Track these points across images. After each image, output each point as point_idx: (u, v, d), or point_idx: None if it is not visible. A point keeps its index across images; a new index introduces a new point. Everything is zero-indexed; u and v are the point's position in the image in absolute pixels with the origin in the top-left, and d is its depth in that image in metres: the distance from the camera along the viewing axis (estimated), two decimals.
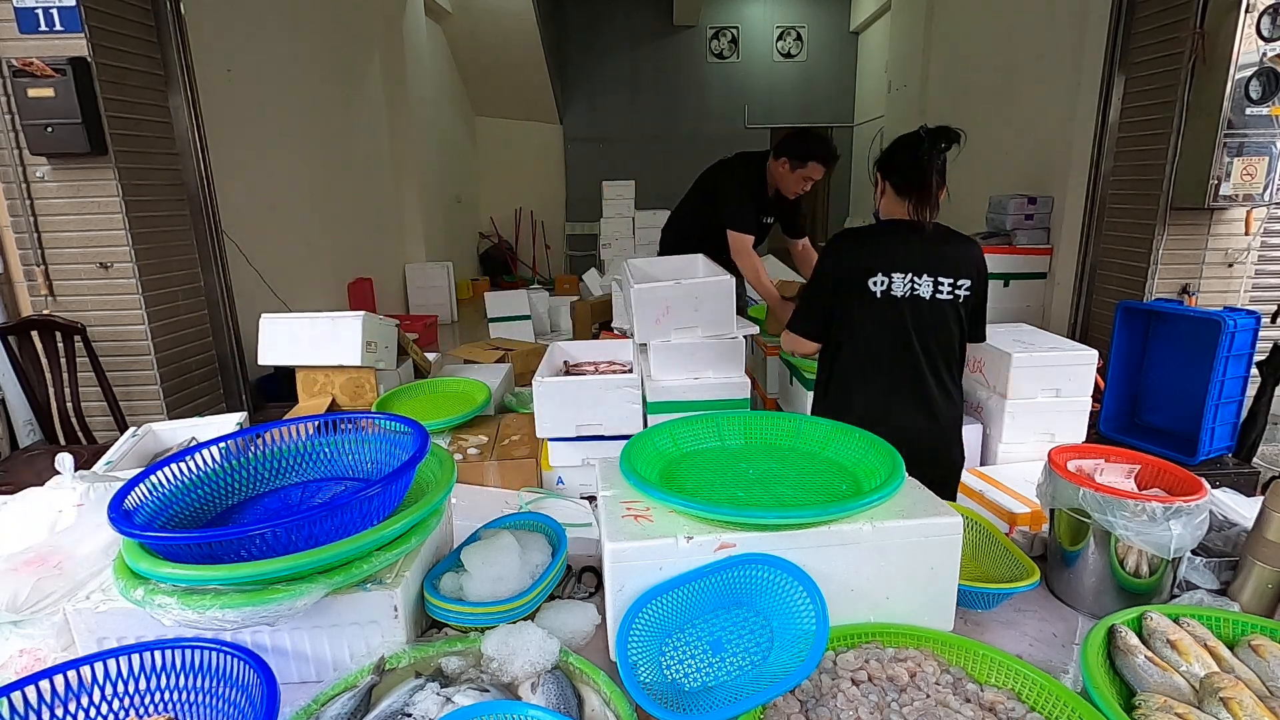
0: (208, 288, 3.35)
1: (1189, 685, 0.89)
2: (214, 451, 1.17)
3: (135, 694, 0.90)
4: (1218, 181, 3.04)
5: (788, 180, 2.97)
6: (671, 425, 1.30)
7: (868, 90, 9.87)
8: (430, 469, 1.20)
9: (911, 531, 1.01)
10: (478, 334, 6.48)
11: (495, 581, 1.09)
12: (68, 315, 2.84)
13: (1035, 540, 1.32)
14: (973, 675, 0.94)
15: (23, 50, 2.69)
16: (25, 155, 2.80)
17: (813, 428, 1.29)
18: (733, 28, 10.13)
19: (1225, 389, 2.71)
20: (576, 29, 9.98)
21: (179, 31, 3.11)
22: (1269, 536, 1.07)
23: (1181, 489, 1.14)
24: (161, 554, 0.93)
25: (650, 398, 2.16)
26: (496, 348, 3.79)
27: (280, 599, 0.89)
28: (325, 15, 5.60)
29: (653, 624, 0.96)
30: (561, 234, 10.58)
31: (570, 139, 10.31)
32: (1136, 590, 1.11)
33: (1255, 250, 3.31)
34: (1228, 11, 2.93)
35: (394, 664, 0.97)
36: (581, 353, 2.49)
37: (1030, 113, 5.07)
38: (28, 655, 1.04)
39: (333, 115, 5.76)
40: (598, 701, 0.90)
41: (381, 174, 6.88)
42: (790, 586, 0.96)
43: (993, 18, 5.91)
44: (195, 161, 3.22)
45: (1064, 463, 1.20)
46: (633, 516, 1.04)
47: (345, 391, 2.47)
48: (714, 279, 2.25)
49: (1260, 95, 2.96)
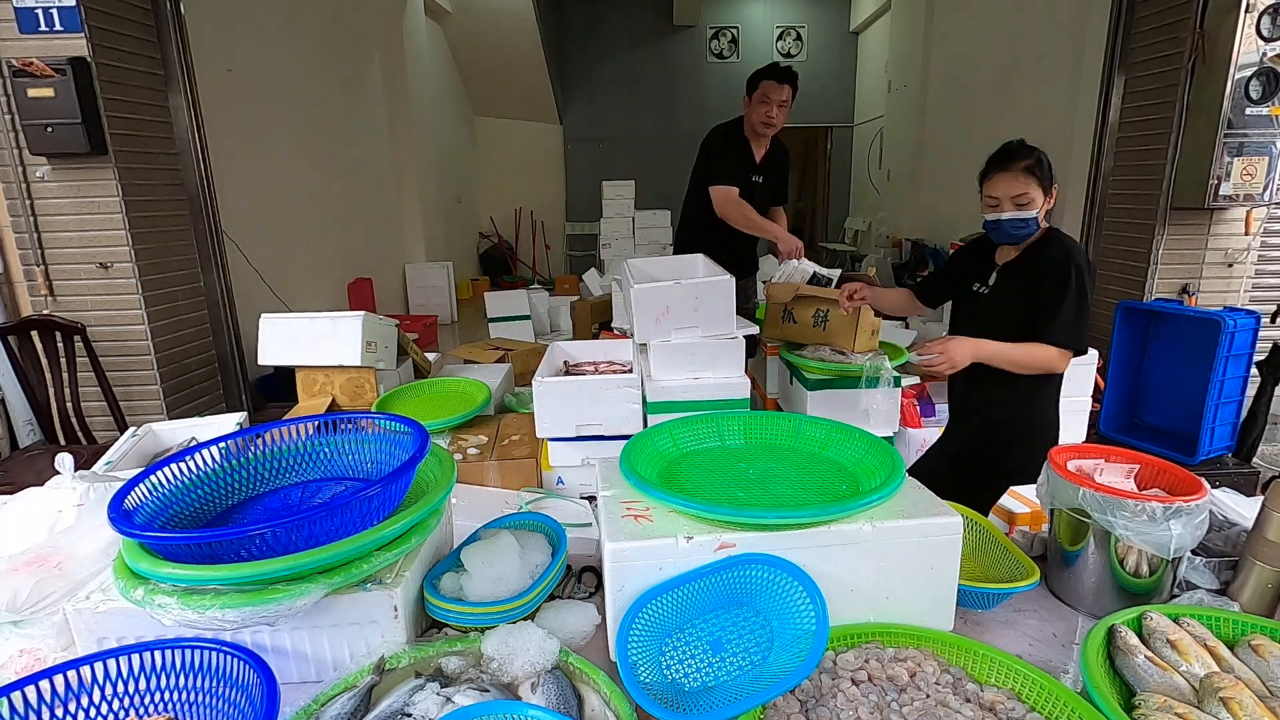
0: (208, 288, 3.35)
1: (1189, 685, 0.89)
2: (214, 451, 1.17)
3: (135, 694, 0.90)
4: (1218, 181, 3.04)
5: (755, 112, 2.97)
6: (671, 425, 1.30)
7: (868, 90, 9.87)
8: (430, 469, 1.20)
9: (911, 531, 1.01)
10: (478, 334, 6.48)
11: (495, 581, 1.09)
12: (68, 315, 2.84)
13: (1035, 540, 1.32)
14: (973, 675, 0.94)
15: (23, 50, 2.69)
16: (25, 155, 2.80)
17: (813, 428, 1.29)
18: (733, 28, 10.12)
19: (1225, 389, 2.71)
20: (576, 29, 9.98)
21: (179, 31, 3.11)
22: (1269, 536, 1.07)
23: (1181, 489, 1.14)
24: (161, 554, 0.93)
25: (650, 398, 2.16)
26: (496, 348, 3.78)
27: (280, 599, 0.89)
28: (325, 15, 5.60)
29: (653, 624, 0.96)
30: (561, 234, 10.58)
31: (570, 139, 10.31)
32: (1136, 590, 1.11)
33: (1255, 250, 3.31)
34: (1228, 11, 2.93)
35: (394, 664, 0.97)
36: (581, 353, 2.48)
37: (1030, 113, 5.07)
38: (28, 655, 1.04)
39: (333, 115, 5.76)
40: (598, 701, 0.90)
41: (381, 174, 6.88)
42: (790, 586, 0.96)
43: (993, 18, 5.91)
44: (195, 161, 3.22)
45: (1064, 463, 1.20)
46: (633, 516, 1.04)
47: (345, 391, 2.47)
48: (714, 279, 2.24)
49: (1260, 95, 2.96)
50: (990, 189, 1.79)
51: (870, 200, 9.71)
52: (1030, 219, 1.76)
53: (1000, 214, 1.77)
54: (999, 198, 1.77)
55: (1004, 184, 1.76)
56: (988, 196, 1.80)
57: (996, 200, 1.78)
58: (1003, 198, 1.76)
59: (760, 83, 2.93)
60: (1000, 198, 1.77)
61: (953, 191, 6.77)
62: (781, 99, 2.92)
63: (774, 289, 2.83)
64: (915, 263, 7.02)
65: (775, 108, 2.93)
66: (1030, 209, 1.75)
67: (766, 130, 3.01)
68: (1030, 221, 1.76)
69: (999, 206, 1.77)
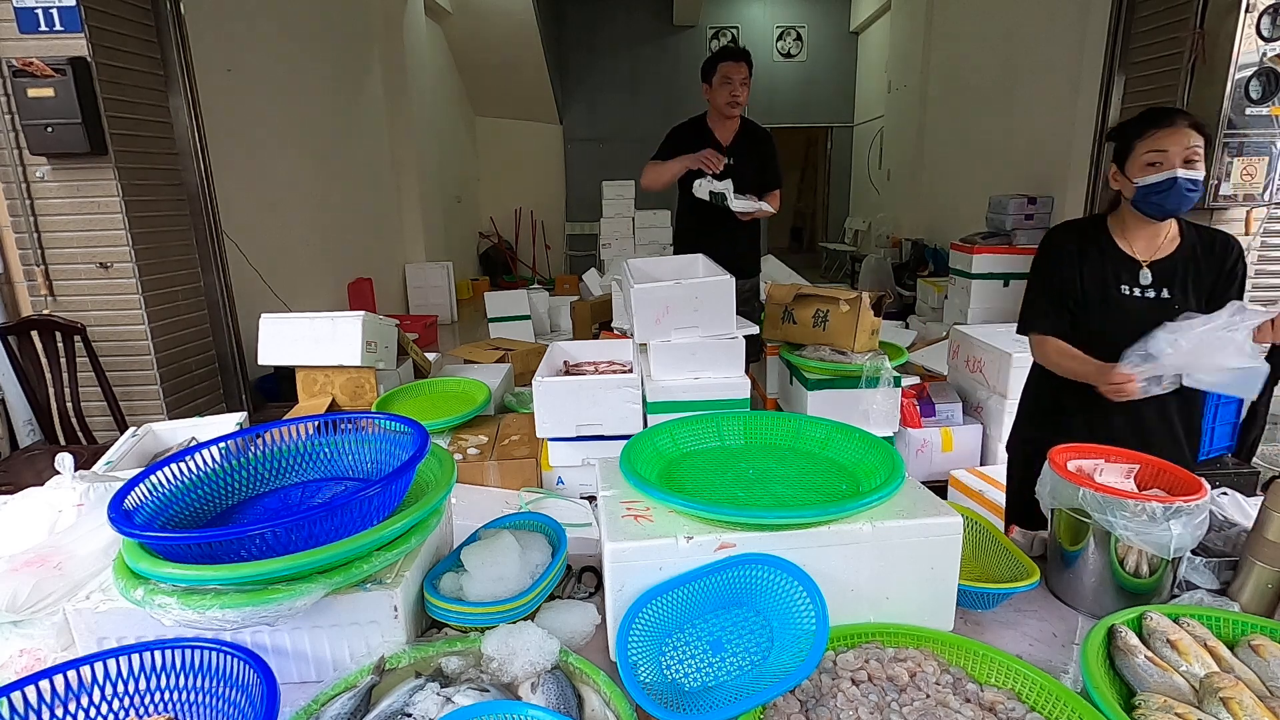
0: (208, 288, 3.35)
1: (1189, 685, 0.89)
2: (214, 451, 1.17)
3: (135, 694, 0.90)
4: (1218, 181, 3.04)
5: (719, 95, 3.03)
6: (671, 425, 1.30)
7: (868, 90, 9.87)
8: (430, 469, 1.20)
9: (911, 531, 1.01)
10: (478, 334, 6.48)
11: (495, 581, 1.09)
12: (68, 315, 2.84)
13: (1035, 540, 1.32)
14: (973, 675, 0.94)
15: (23, 50, 2.69)
16: (25, 155, 2.80)
17: (813, 428, 1.28)
18: (733, 28, 10.13)
19: None
20: (576, 29, 9.98)
21: (179, 31, 3.11)
22: (1269, 536, 1.07)
23: (1181, 489, 1.13)
24: (161, 554, 0.93)
25: (650, 398, 2.16)
26: (496, 348, 3.79)
27: (280, 599, 0.89)
28: (325, 15, 5.60)
29: (653, 624, 0.96)
30: (561, 234, 10.58)
31: (570, 139, 10.31)
32: (1136, 590, 1.11)
33: (1255, 250, 3.31)
34: (1228, 11, 2.93)
35: (394, 664, 0.97)
36: (581, 353, 2.49)
37: (1030, 113, 5.07)
38: (28, 655, 1.04)
39: (333, 115, 5.77)
40: (598, 701, 0.90)
41: (381, 174, 6.88)
42: (790, 586, 0.96)
43: (993, 18, 5.91)
44: (195, 161, 3.22)
45: (1064, 463, 1.20)
46: (633, 516, 1.04)
47: (345, 391, 2.47)
48: (714, 279, 2.24)
49: (1260, 95, 2.96)
50: (1154, 143, 1.49)
51: (870, 200, 9.71)
52: (1202, 181, 1.48)
53: (1173, 170, 1.47)
54: (1168, 150, 1.47)
55: (1174, 137, 1.47)
56: (1151, 153, 1.50)
57: (1164, 155, 1.47)
58: (1174, 151, 1.46)
59: (718, 66, 3.01)
60: (1171, 150, 1.47)
61: (953, 192, 6.77)
62: (742, 77, 3.00)
63: (774, 290, 2.83)
64: (915, 263, 7.01)
65: (738, 86, 3.00)
66: (1200, 169, 1.47)
67: (733, 111, 3.06)
68: (1201, 185, 1.48)
69: (1165, 163, 1.48)
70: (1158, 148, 1.49)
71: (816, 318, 2.65)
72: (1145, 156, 1.51)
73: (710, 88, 3.06)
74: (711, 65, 3.04)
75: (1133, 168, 1.54)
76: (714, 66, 3.03)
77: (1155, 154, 1.49)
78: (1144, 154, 1.52)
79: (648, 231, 8.12)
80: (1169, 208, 1.52)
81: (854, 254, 9.28)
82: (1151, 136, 1.51)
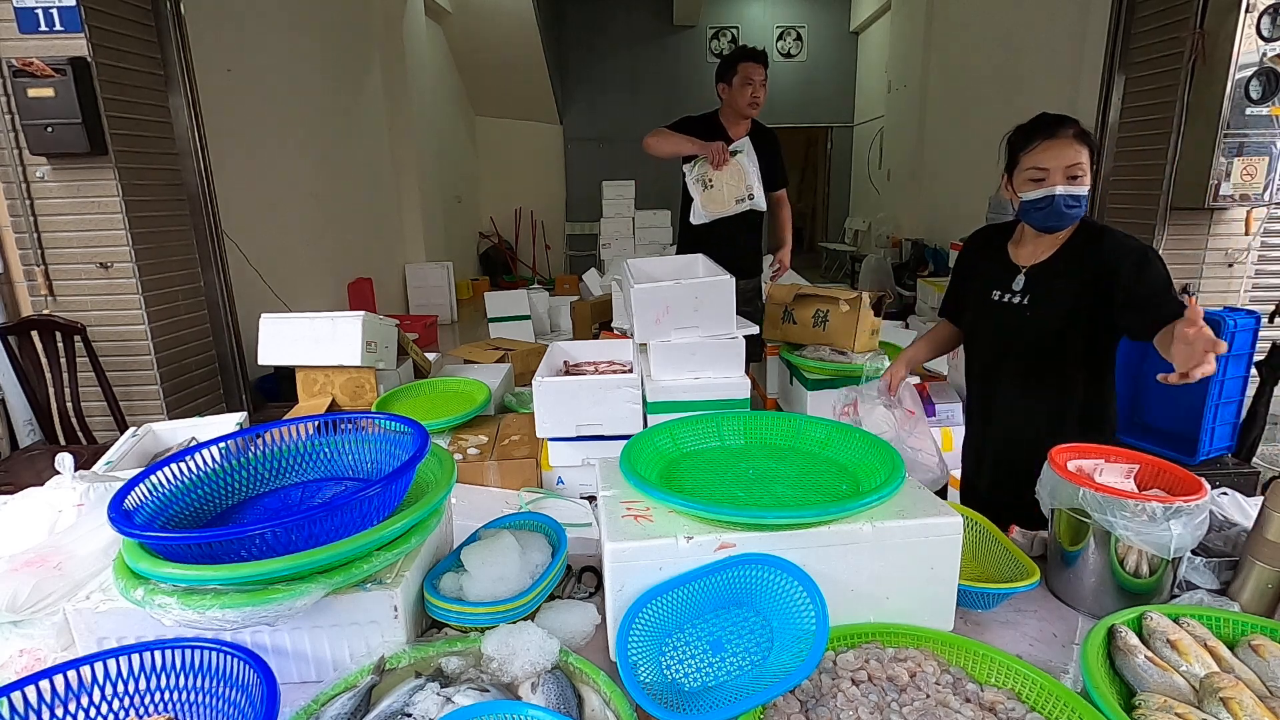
0: (208, 288, 3.35)
1: (1189, 685, 0.89)
2: (214, 451, 1.17)
3: (135, 694, 0.90)
4: (1218, 181, 3.04)
5: (740, 95, 3.01)
6: (671, 425, 1.30)
7: (868, 90, 9.87)
8: (430, 469, 1.20)
9: (911, 531, 1.01)
10: (478, 334, 6.48)
11: (495, 581, 1.09)
12: (68, 315, 2.84)
13: (1035, 540, 1.32)
14: (973, 675, 0.94)
15: (23, 50, 2.69)
16: (25, 155, 2.80)
17: (813, 428, 1.28)
18: (733, 28, 10.13)
19: (1225, 389, 2.71)
20: (576, 29, 9.98)
21: (179, 31, 3.10)
22: (1269, 536, 1.07)
23: (1181, 489, 1.13)
24: (161, 554, 0.93)
25: (650, 398, 2.16)
26: (496, 348, 3.78)
27: (280, 599, 0.89)
28: (325, 15, 5.60)
29: (653, 624, 0.96)
30: (561, 234, 10.58)
31: (570, 139, 10.31)
32: (1136, 590, 1.11)
33: (1255, 250, 3.31)
34: (1228, 11, 2.93)
35: (394, 664, 0.97)
36: (581, 353, 2.48)
37: (1030, 113, 5.06)
38: (28, 655, 1.04)
39: (333, 115, 5.77)
40: (598, 701, 0.90)
41: (381, 174, 6.88)
42: (790, 586, 0.96)
43: (993, 18, 5.91)
44: (195, 161, 3.22)
45: (1064, 463, 1.20)
46: (633, 516, 1.04)
47: (345, 391, 2.47)
48: (714, 279, 2.24)
49: (1260, 95, 2.96)
50: (1035, 159, 1.49)
51: (870, 200, 9.71)
52: (1085, 196, 1.48)
53: (1053, 188, 1.47)
54: (1048, 168, 1.47)
55: (1054, 152, 1.47)
56: (1032, 169, 1.50)
57: (1044, 172, 1.48)
58: (1054, 168, 1.47)
59: (738, 65, 2.98)
60: (1050, 168, 1.47)
61: (953, 192, 6.77)
62: (761, 79, 3.00)
63: (774, 290, 2.83)
64: (915, 263, 7.02)
65: (759, 87, 3.00)
66: (1084, 184, 1.47)
67: (753, 111, 3.06)
68: (1084, 200, 1.48)
69: (1046, 179, 1.48)
70: (1039, 164, 1.50)
71: (816, 318, 2.65)
72: (1028, 171, 1.52)
73: (730, 87, 3.04)
74: (731, 65, 3.01)
75: (1017, 180, 1.55)
76: (734, 67, 3.00)
77: (1037, 170, 1.50)
78: (1027, 168, 1.52)
79: (648, 231, 8.13)
80: (1050, 224, 1.54)
81: (854, 254, 9.28)
82: (1034, 150, 1.51)
